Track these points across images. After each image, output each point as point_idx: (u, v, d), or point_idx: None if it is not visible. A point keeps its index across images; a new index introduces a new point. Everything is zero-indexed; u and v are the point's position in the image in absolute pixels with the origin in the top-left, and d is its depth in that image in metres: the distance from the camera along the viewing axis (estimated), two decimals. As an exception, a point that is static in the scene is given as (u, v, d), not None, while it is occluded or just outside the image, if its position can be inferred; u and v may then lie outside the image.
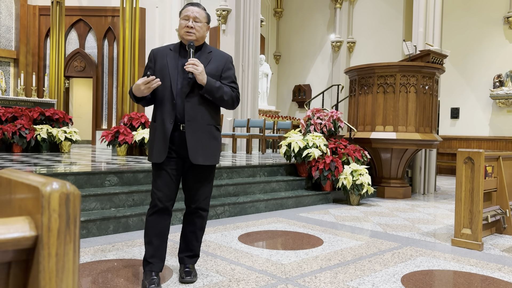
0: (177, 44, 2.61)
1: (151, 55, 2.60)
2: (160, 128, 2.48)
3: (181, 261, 2.67)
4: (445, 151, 11.17)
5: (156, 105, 2.54)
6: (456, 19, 10.93)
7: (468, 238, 3.62)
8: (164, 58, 2.54)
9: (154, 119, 2.55)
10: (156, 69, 2.54)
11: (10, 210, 0.59)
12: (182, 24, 2.53)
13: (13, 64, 11.27)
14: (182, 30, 2.52)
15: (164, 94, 2.49)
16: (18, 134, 7.01)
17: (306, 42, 14.24)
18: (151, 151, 2.53)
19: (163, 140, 2.46)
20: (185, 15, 2.51)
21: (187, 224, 2.65)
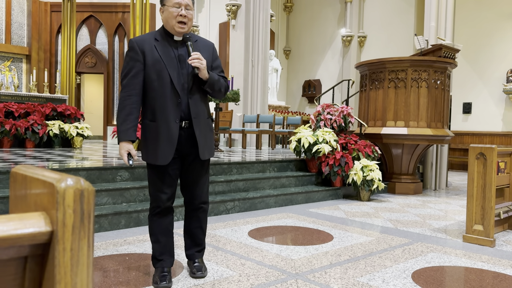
0: (160, 32, 2.41)
1: (134, 46, 2.34)
2: (164, 129, 2.33)
3: (190, 258, 2.68)
4: (457, 147, 11.06)
5: (150, 102, 2.36)
6: (468, 13, 10.79)
7: (480, 235, 3.59)
8: (154, 50, 2.33)
9: (150, 117, 2.36)
10: (147, 63, 2.33)
11: (26, 206, 0.60)
12: (174, 12, 2.31)
13: (25, 61, 11.39)
14: (174, 20, 2.32)
15: (162, 91, 2.32)
16: (31, 129, 7.10)
17: (316, 37, 14.17)
18: (152, 152, 2.36)
19: (169, 141, 2.34)
20: (177, 2, 2.31)
21: (192, 222, 2.63)
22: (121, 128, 2.31)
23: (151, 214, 2.51)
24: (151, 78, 2.34)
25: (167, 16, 2.34)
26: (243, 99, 8.92)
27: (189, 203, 2.61)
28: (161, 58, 2.34)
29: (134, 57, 2.34)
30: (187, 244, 2.69)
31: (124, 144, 2.31)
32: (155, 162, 2.37)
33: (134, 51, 2.34)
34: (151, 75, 2.34)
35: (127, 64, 2.35)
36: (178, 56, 2.38)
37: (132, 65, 2.33)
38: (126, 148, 2.31)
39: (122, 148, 2.31)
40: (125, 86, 2.35)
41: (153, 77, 2.33)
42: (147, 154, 2.39)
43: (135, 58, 2.34)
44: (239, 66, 9.02)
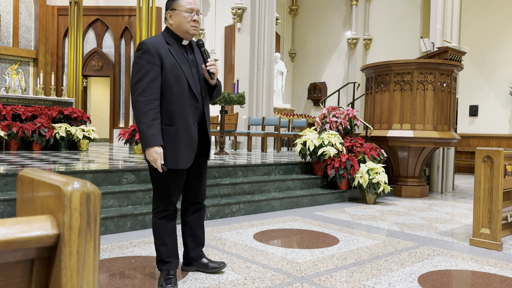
0: (169, 36, 2.40)
1: (150, 49, 2.28)
2: (184, 133, 2.34)
3: (196, 258, 2.70)
4: (464, 149, 11.00)
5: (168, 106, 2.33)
6: (474, 16, 10.74)
7: (487, 238, 3.56)
8: (169, 54, 2.33)
9: (168, 121, 2.33)
10: (165, 67, 2.30)
11: (33, 209, 0.61)
12: (188, 17, 2.33)
13: (33, 64, 11.48)
14: (188, 24, 2.33)
15: (181, 95, 2.32)
16: (38, 132, 7.15)
17: (321, 40, 14.16)
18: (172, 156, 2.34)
19: (190, 145, 2.37)
20: (190, 7, 2.33)
21: (196, 221, 2.67)
22: (149, 133, 2.24)
23: (157, 218, 2.49)
24: (170, 83, 2.31)
25: (180, 20, 2.34)
26: (248, 102, 8.93)
27: (193, 203, 2.65)
28: (177, 62, 2.33)
29: (151, 60, 2.28)
30: (190, 247, 2.70)
31: (156, 148, 2.26)
32: (176, 166, 2.35)
33: (150, 54, 2.28)
34: (170, 80, 2.31)
35: (142, 67, 2.27)
36: (190, 60, 2.41)
37: (149, 68, 2.27)
38: (158, 152, 2.27)
39: (154, 153, 2.26)
40: (144, 90, 2.26)
41: (172, 81, 2.31)
42: (165, 158, 2.33)
43: (152, 61, 2.28)
44: (245, 69, 9.04)
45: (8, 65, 11.10)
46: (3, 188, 3.68)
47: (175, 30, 2.38)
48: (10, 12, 11.12)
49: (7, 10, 11.07)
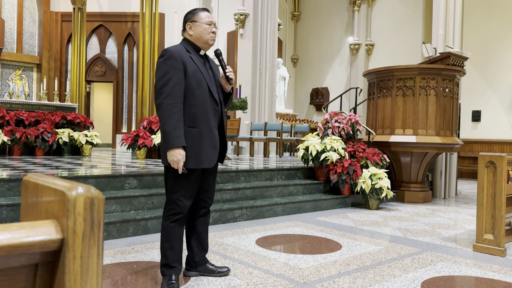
0: (189, 46, 2.55)
1: (175, 55, 2.43)
2: (207, 134, 2.48)
3: (201, 263, 2.73)
4: (466, 155, 10.97)
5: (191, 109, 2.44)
6: (477, 21, 10.75)
7: (490, 244, 3.54)
8: (191, 60, 2.47)
9: (191, 123, 2.44)
10: (188, 72, 2.44)
11: (37, 214, 0.61)
12: (208, 29, 2.52)
13: (36, 69, 11.54)
14: (208, 35, 2.52)
15: (203, 99, 2.47)
16: (41, 137, 7.17)
17: (323, 45, 14.19)
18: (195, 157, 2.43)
19: (212, 146, 2.51)
20: (209, 20, 2.53)
21: (201, 225, 2.72)
22: (175, 134, 2.34)
23: (170, 221, 2.51)
24: (192, 87, 2.45)
25: (200, 31, 2.52)
26: (250, 107, 8.95)
27: (201, 208, 2.70)
28: (198, 68, 2.49)
29: (175, 66, 2.40)
30: (195, 251, 2.72)
31: (180, 150, 2.36)
32: (200, 165, 2.46)
33: (174, 60, 2.40)
34: (192, 84, 2.45)
35: (167, 73, 2.39)
36: (208, 67, 2.59)
37: (173, 73, 2.39)
38: (182, 154, 2.37)
39: (178, 154, 2.35)
40: (169, 93, 2.37)
41: (194, 85, 2.45)
42: (188, 159, 2.42)
43: (176, 67, 2.40)
44: (247, 74, 9.06)
45: (12, 71, 11.15)
46: (6, 193, 3.69)
47: (195, 40, 2.55)
48: (14, 18, 11.19)
49: (11, 16, 11.14)
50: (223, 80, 2.62)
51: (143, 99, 10.44)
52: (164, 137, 2.38)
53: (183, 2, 11.53)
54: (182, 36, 2.62)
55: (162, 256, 2.53)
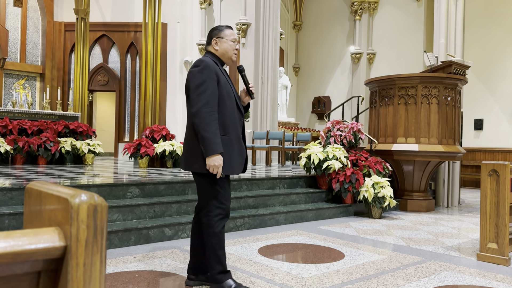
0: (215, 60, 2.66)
1: (210, 66, 2.55)
2: (236, 143, 2.61)
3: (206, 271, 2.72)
4: (469, 163, 10.94)
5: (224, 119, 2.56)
6: (478, 30, 10.79)
7: (494, 253, 3.52)
8: (220, 72, 2.61)
9: (222, 132, 2.55)
10: (220, 83, 2.57)
11: (40, 221, 0.61)
12: (232, 46, 2.67)
13: (39, 79, 11.61)
14: (232, 51, 2.67)
15: (232, 109, 2.60)
16: (43, 146, 7.19)
17: (325, 54, 14.25)
18: (227, 164, 2.53)
19: (240, 154, 2.64)
20: (234, 38, 2.69)
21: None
22: (215, 140, 2.44)
23: (220, 227, 2.55)
24: (224, 97, 2.57)
25: (226, 47, 2.66)
26: (253, 116, 8.96)
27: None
28: (227, 80, 2.64)
29: (210, 76, 2.52)
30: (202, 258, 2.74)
31: (220, 156, 2.46)
32: (231, 172, 2.58)
33: (209, 70, 2.52)
34: (224, 94, 2.57)
35: (204, 82, 2.50)
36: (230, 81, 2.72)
37: (210, 83, 2.51)
38: (222, 159, 2.48)
39: (219, 159, 2.46)
40: (208, 102, 2.47)
41: (225, 96, 2.57)
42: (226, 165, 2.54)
43: (211, 77, 2.52)
44: (249, 83, 9.07)
45: (15, 80, 11.22)
46: (8, 202, 3.69)
47: (220, 55, 2.69)
48: (18, 28, 11.28)
49: (15, 26, 11.24)
50: (244, 94, 2.77)
51: (145, 108, 10.48)
52: (204, 143, 2.45)
53: (185, 12, 11.62)
54: (206, 49, 2.73)
55: (217, 264, 2.53)
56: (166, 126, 9.59)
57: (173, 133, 8.38)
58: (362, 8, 12.89)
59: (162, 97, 11.34)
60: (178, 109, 11.49)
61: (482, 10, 10.86)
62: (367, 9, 12.91)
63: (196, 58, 11.55)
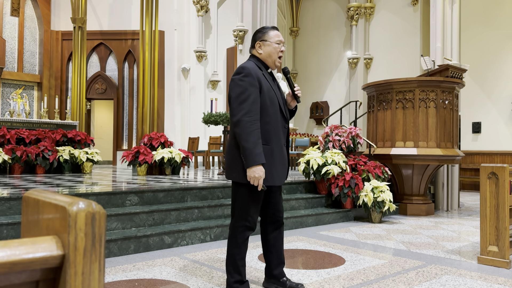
0: (259, 64, 2.58)
1: (251, 72, 2.47)
2: (278, 151, 2.53)
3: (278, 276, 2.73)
4: (468, 167, 10.94)
5: (266, 127, 2.49)
6: (474, 33, 10.84)
7: (495, 256, 3.51)
8: (264, 78, 2.52)
9: (263, 140, 2.47)
10: (263, 89, 2.49)
11: (38, 230, 0.60)
12: (277, 48, 2.58)
13: (37, 88, 11.61)
14: (277, 54, 2.57)
15: (276, 116, 2.52)
16: (42, 156, 7.17)
17: (322, 60, 14.30)
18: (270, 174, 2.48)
19: (283, 164, 2.56)
20: (279, 39, 2.58)
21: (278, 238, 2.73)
22: (256, 151, 2.37)
23: (244, 238, 2.54)
24: (266, 104, 2.48)
25: (270, 50, 2.56)
26: (251, 122, 8.96)
27: (273, 221, 2.73)
28: (271, 86, 2.54)
29: (252, 83, 2.43)
30: (273, 265, 2.73)
31: (261, 167, 2.39)
32: (272, 183, 2.50)
33: (251, 77, 2.44)
34: (266, 101, 2.49)
35: (246, 90, 2.42)
36: (276, 85, 2.62)
37: (251, 90, 2.42)
38: (263, 170, 2.41)
39: (260, 171, 2.38)
40: (249, 111, 2.40)
41: (268, 103, 2.49)
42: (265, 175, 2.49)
43: (253, 84, 2.44)
44: (247, 90, 9.09)
45: (12, 90, 11.22)
46: (6, 212, 3.67)
47: (264, 59, 2.60)
48: (15, 37, 11.30)
49: (12, 35, 11.26)
50: (289, 97, 2.68)
51: (143, 115, 10.47)
52: (245, 154, 2.38)
53: (182, 20, 11.66)
54: (250, 52, 2.65)
55: (235, 273, 2.54)
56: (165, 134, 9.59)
57: (172, 140, 8.38)
58: (359, 14, 12.96)
59: (160, 105, 11.34)
60: (176, 116, 11.49)
61: (478, 13, 10.92)
62: (363, 14, 12.97)
63: (193, 65, 11.59)
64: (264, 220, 2.73)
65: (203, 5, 11.62)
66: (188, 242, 4.09)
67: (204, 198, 4.90)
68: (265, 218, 2.72)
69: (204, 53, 11.66)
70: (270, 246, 2.72)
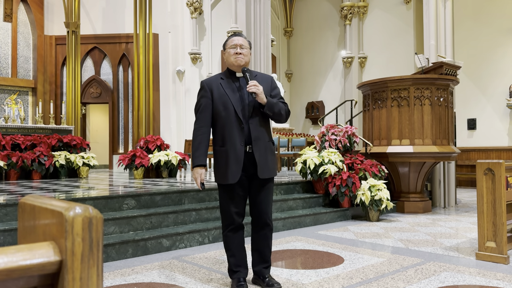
0: (225, 72, 2.84)
1: (204, 86, 2.78)
2: (232, 151, 2.68)
3: (258, 274, 2.86)
4: (464, 163, 10.98)
5: (220, 130, 2.73)
6: (467, 30, 10.89)
7: (493, 252, 3.52)
8: (220, 86, 2.75)
9: (220, 143, 2.73)
10: (214, 97, 2.74)
11: (35, 236, 0.60)
12: (231, 52, 2.77)
13: (31, 93, 11.56)
14: (232, 57, 2.76)
15: (229, 119, 2.69)
16: (37, 161, 7.14)
17: (317, 59, 14.32)
18: (223, 174, 2.69)
19: (237, 162, 2.67)
20: (232, 44, 2.78)
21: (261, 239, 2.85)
22: (195, 154, 2.69)
23: (225, 231, 2.81)
24: (218, 110, 2.72)
25: (227, 57, 2.81)
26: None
27: (256, 221, 2.85)
28: (225, 92, 2.74)
29: (203, 94, 2.76)
30: (255, 260, 2.88)
31: (197, 169, 2.70)
32: (226, 181, 2.68)
33: (204, 90, 2.77)
34: (219, 107, 2.72)
35: (198, 102, 2.78)
36: (239, 88, 2.78)
37: (202, 101, 2.76)
38: (199, 172, 2.70)
39: (195, 173, 2.70)
40: (197, 119, 2.76)
41: (220, 108, 2.72)
42: (219, 175, 2.74)
43: (204, 95, 2.76)
44: (242, 91, 9.08)
45: (7, 95, 11.17)
46: (3, 218, 3.65)
47: (228, 65, 2.85)
48: (8, 43, 11.25)
49: (6, 41, 11.21)
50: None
51: (139, 119, 10.45)
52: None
53: (176, 22, 11.65)
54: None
55: (228, 262, 2.85)
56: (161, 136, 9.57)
57: (168, 143, 8.36)
58: (352, 13, 12.99)
59: (156, 107, 11.32)
60: (172, 119, 11.47)
61: (471, 10, 10.97)
62: (357, 13, 13.00)
63: (188, 67, 11.57)
64: (251, 219, 2.88)
65: (197, 7, 11.62)
66: (186, 245, 4.09)
67: (202, 200, 4.89)
68: (252, 218, 2.87)
69: (198, 55, 11.65)
70: (254, 245, 2.88)
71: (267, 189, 2.81)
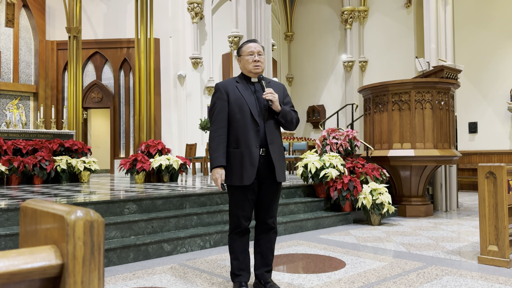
0: (240, 76, 2.88)
1: (220, 88, 2.80)
2: (247, 153, 2.69)
3: (259, 277, 2.85)
4: (465, 167, 10.96)
5: (234, 132, 2.73)
6: (467, 34, 10.90)
7: (495, 255, 3.51)
8: (236, 89, 2.78)
9: (234, 145, 2.73)
10: (230, 99, 2.76)
11: (36, 240, 0.60)
12: (249, 59, 2.79)
13: (33, 98, 11.59)
14: (251, 64, 2.79)
15: (244, 121, 2.71)
16: (39, 166, 7.14)
17: (318, 63, 14.34)
18: (237, 175, 2.69)
19: (251, 164, 2.68)
20: (249, 51, 2.80)
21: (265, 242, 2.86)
22: (214, 155, 2.70)
23: (231, 233, 2.81)
24: (234, 112, 2.74)
25: (243, 63, 2.83)
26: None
27: (261, 224, 2.86)
28: (241, 94, 2.77)
29: (220, 97, 2.78)
30: (256, 264, 2.87)
31: (218, 169, 2.69)
32: (241, 183, 2.68)
33: (220, 92, 2.78)
34: (234, 109, 2.74)
35: (215, 104, 2.79)
36: (255, 92, 2.81)
37: (218, 103, 2.77)
38: (219, 173, 2.69)
39: (216, 173, 2.69)
40: (213, 121, 2.76)
41: (236, 110, 2.74)
42: (232, 177, 2.72)
43: (220, 97, 2.77)
44: (243, 95, 9.09)
45: (8, 100, 11.20)
46: (4, 223, 3.65)
47: (244, 71, 2.88)
48: (10, 48, 11.29)
49: (7, 46, 11.25)
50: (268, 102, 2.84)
51: (140, 123, 10.46)
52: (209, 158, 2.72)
53: (177, 27, 11.68)
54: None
55: (230, 265, 2.84)
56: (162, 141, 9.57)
57: (169, 147, 8.37)
58: (352, 17, 13.02)
59: (157, 112, 11.33)
60: (173, 123, 11.48)
61: (471, 14, 10.99)
62: (357, 17, 13.03)
63: (189, 72, 11.60)
64: (256, 222, 2.89)
65: (198, 12, 11.65)
66: (187, 249, 4.08)
67: (203, 205, 4.89)
68: (256, 220, 2.88)
69: (199, 59, 11.68)
70: (257, 247, 2.89)
71: (278, 192, 2.83)
